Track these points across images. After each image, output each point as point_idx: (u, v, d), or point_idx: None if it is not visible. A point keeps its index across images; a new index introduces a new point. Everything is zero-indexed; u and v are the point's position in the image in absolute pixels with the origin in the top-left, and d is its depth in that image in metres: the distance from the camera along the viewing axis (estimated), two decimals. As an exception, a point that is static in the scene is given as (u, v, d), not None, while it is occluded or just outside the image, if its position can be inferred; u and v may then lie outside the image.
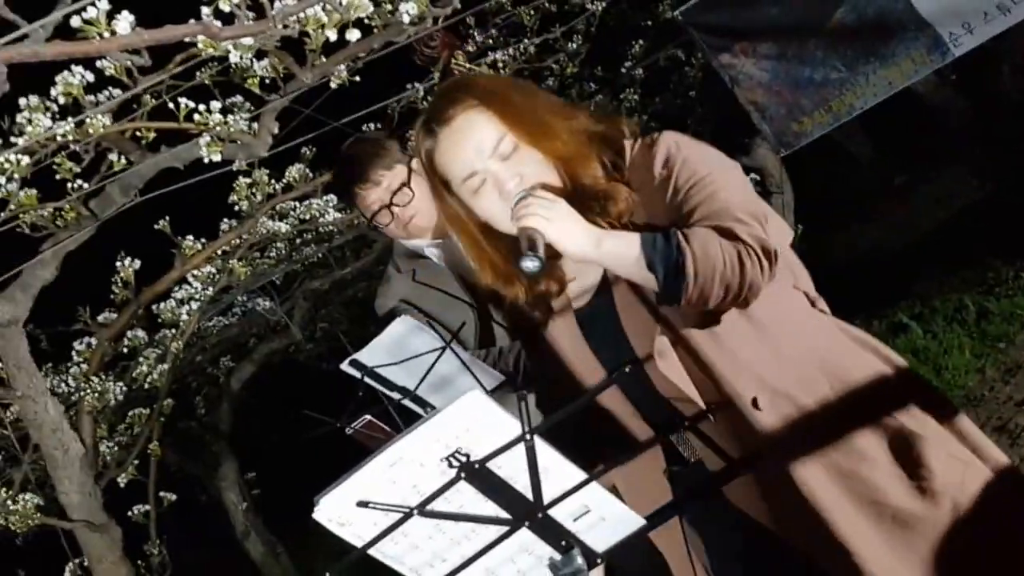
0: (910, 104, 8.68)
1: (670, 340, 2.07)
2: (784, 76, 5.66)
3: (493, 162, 2.08)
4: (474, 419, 1.73)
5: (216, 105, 3.62)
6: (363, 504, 1.75)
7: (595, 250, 1.98)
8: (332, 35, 3.05)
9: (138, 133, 3.70)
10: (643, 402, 2.17)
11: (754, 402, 2.03)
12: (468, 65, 3.36)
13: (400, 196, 3.37)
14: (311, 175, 5.07)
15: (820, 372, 2.08)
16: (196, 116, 3.60)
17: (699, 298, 1.93)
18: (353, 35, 3.05)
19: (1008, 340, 5.66)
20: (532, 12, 4.95)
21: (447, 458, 1.74)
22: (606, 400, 2.21)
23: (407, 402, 3.60)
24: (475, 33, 4.88)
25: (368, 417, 4.04)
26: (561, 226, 1.97)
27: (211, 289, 5.01)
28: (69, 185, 3.73)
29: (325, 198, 5.25)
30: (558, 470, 1.79)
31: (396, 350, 3.45)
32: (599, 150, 2.12)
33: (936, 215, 8.81)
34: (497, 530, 1.81)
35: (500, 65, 5.23)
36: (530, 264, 1.93)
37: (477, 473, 1.76)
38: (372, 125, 5.20)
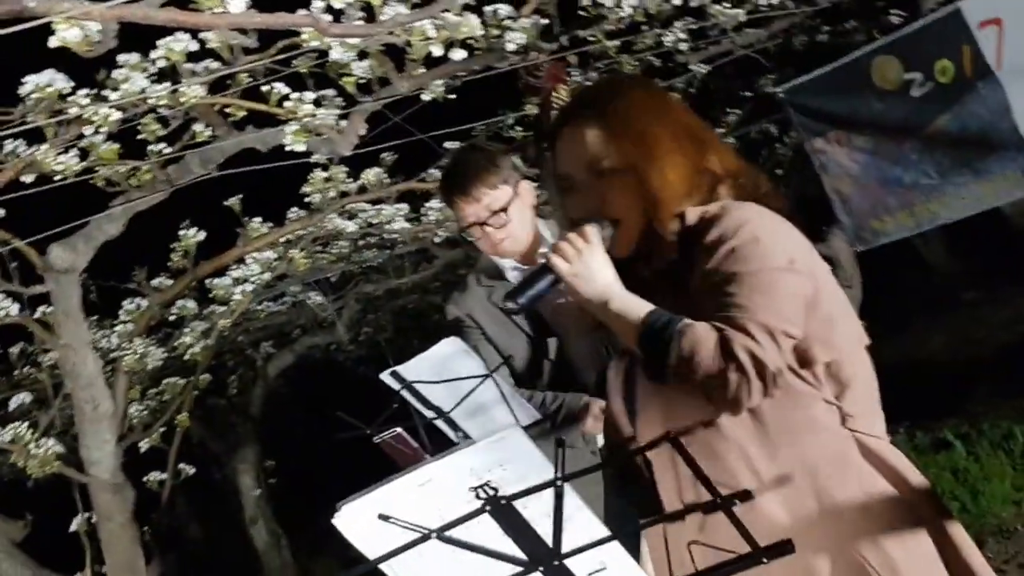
0: (995, 222, 8.57)
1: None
2: (874, 172, 5.60)
3: (586, 175, 2.12)
4: (510, 455, 1.71)
5: (309, 96, 3.64)
6: (384, 518, 1.73)
7: (600, 309, 2.03)
8: (437, 50, 3.06)
9: (228, 109, 3.73)
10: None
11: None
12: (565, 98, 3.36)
13: (496, 218, 3.37)
14: (387, 181, 5.08)
15: (810, 487, 2.01)
16: (287, 103, 3.63)
17: (682, 382, 1.93)
18: (457, 54, 3.06)
19: (1050, 480, 5.55)
20: (635, 63, 4.93)
21: (476, 488, 1.72)
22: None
23: (439, 422, 3.59)
24: (575, 73, 4.88)
25: (399, 430, 4.02)
26: (580, 274, 2.03)
27: (268, 274, 5.03)
28: (150, 147, 3.76)
29: (396, 206, 5.27)
30: (583, 522, 1.76)
31: (439, 369, 3.44)
32: (688, 201, 2.10)
33: (1000, 338, 8.67)
34: (510, 569, 1.78)
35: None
36: (511, 305, 2.09)
37: (502, 509, 1.73)
38: (456, 142, 5.22)
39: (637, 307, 2.00)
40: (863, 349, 2.13)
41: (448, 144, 5.28)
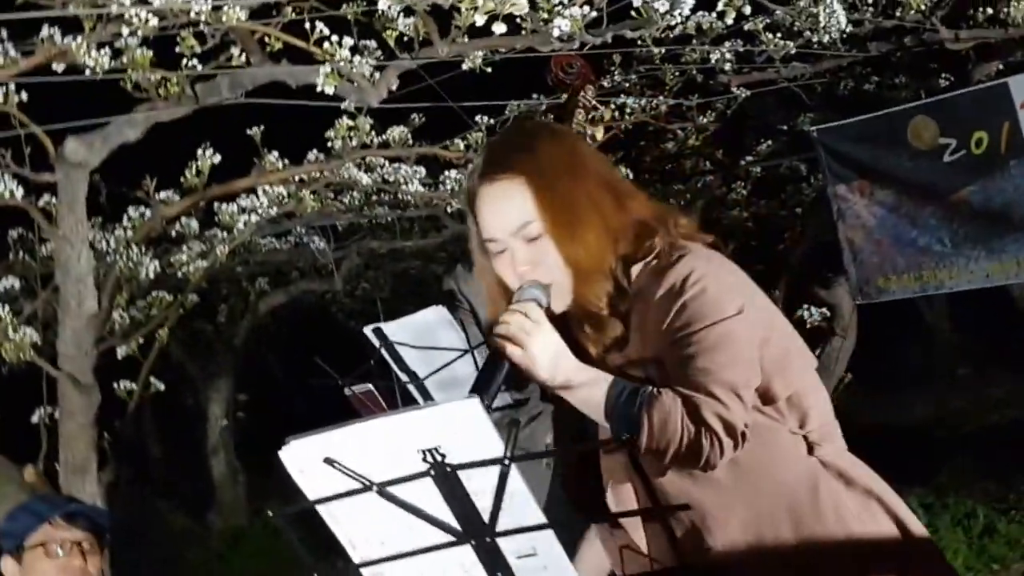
0: (1002, 302, 8.56)
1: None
2: (890, 228, 5.60)
3: (516, 240, 2.03)
4: (464, 425, 1.71)
5: (348, 42, 3.64)
6: (330, 462, 1.73)
7: (562, 386, 1.97)
8: (480, 20, 3.05)
9: (266, 39, 3.73)
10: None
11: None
12: (595, 102, 3.34)
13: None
14: (410, 142, 5.08)
15: (786, 514, 2.04)
16: (326, 44, 3.63)
17: (652, 457, 1.93)
18: (498, 27, 3.05)
19: (1003, 565, 5.55)
20: (676, 73, 4.92)
21: (425, 451, 1.72)
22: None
23: (411, 387, 3.60)
24: (615, 72, 4.88)
25: (371, 387, 4.04)
26: (534, 358, 1.94)
27: (275, 209, 5.02)
28: (184, 61, 3.76)
29: (415, 168, 5.26)
30: (522, 505, 1.76)
31: (421, 335, 3.46)
32: (618, 261, 2.05)
33: (985, 417, 8.67)
34: (443, 537, 1.78)
35: (628, 112, 5.21)
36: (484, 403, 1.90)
37: (446, 476, 1.73)
38: (485, 117, 5.22)
39: (596, 382, 1.96)
40: (814, 373, 2.15)
41: (478, 117, 5.28)
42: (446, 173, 5.59)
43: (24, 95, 3.81)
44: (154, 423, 12.06)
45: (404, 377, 3.60)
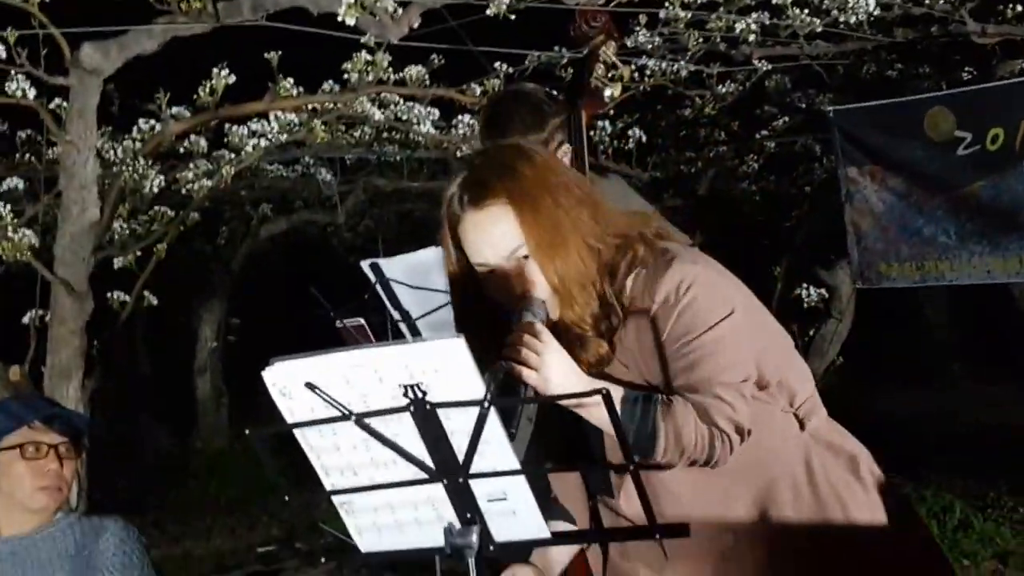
0: (1003, 303, 8.55)
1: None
2: (897, 216, 5.59)
3: (506, 262, 2.05)
4: (448, 364, 1.71)
5: (375, -26, 3.61)
6: (311, 386, 1.74)
7: (573, 405, 1.97)
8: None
9: (292, -38, 3.71)
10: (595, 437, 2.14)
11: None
12: (615, 59, 3.30)
13: None
14: (427, 82, 5.05)
15: (789, 492, 2.12)
16: (352, -26, 3.60)
17: (664, 464, 1.97)
18: (527, -27, 3.04)
19: (974, 561, 5.57)
20: (700, 40, 4.87)
21: (406, 386, 1.72)
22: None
23: (402, 326, 3.60)
24: (639, 32, 4.83)
25: (362, 321, 4.05)
26: (548, 375, 1.93)
27: (285, 136, 5.00)
28: (208, -23, 3.74)
29: (429, 109, 5.24)
30: (498, 449, 1.76)
31: (417, 275, 3.45)
32: (604, 276, 2.07)
33: (973, 415, 8.69)
34: (416, 473, 1.79)
35: (647, 74, 5.18)
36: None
37: (425, 414, 1.74)
38: (504, 64, 5.18)
39: (613, 389, 1.93)
40: (794, 349, 2.21)
41: (497, 64, 5.24)
42: (459, 117, 5.56)
43: (46, -4, 3.80)
44: (144, 338, 12.08)
45: (396, 315, 3.60)
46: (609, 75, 3.23)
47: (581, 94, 3.16)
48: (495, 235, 2.05)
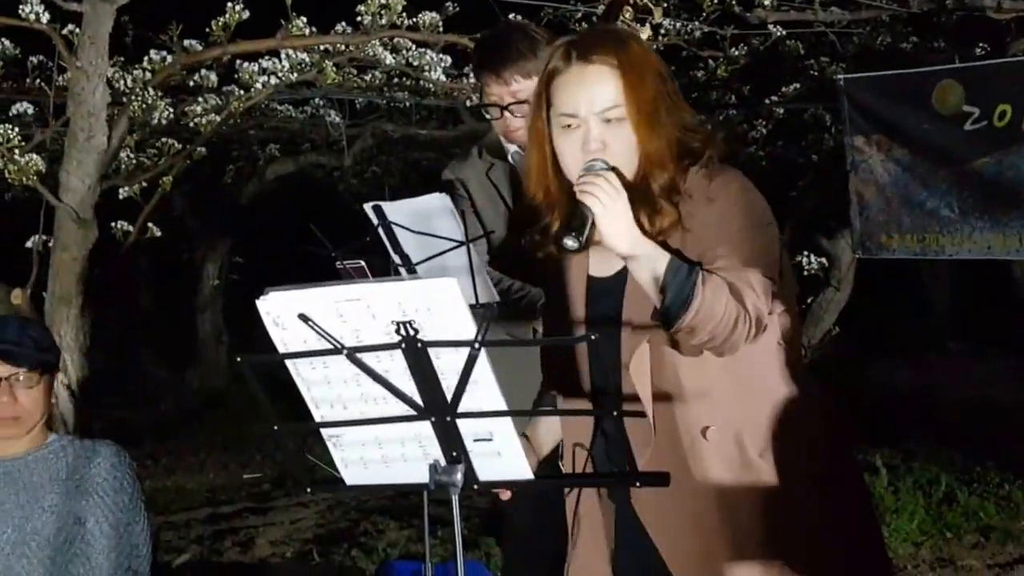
0: (1004, 282, 8.57)
1: (653, 351, 2.15)
2: (901, 188, 5.60)
3: (595, 119, 2.16)
4: (441, 304, 1.74)
5: (394, -83, 3.60)
6: (304, 318, 1.76)
7: (630, 251, 2.09)
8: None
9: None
10: (598, 375, 2.22)
11: (704, 431, 2.15)
12: (628, 19, 3.29)
13: (519, 107, 3.36)
14: (441, 29, 5.04)
15: (770, 420, 2.21)
16: (369, -86, 3.59)
17: (686, 334, 2.04)
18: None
19: (957, 534, 5.62)
20: (716, 1, 4.86)
21: (399, 323, 1.75)
22: (566, 361, 2.28)
23: (402, 270, 3.62)
24: (654, -10, 4.81)
25: (362, 262, 4.06)
26: (613, 218, 2.06)
27: (295, 75, 5.00)
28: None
29: (441, 56, 5.23)
30: (486, 390, 1.79)
31: (420, 221, 3.46)
32: (678, 161, 2.20)
33: (965, 393, 8.72)
34: (404, 409, 1.82)
35: (662, 33, 5.16)
36: (571, 243, 2.06)
37: (416, 352, 1.77)
38: (518, 16, 5.16)
39: (659, 254, 2.07)
40: (789, 288, 2.32)
41: (512, 15, 5.22)
42: (471, 65, 5.55)
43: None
44: (148, 271, 12.11)
45: (397, 259, 3.61)
46: (637, 19, 3.23)
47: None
48: (596, 89, 2.16)
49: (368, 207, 3.53)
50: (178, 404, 9.52)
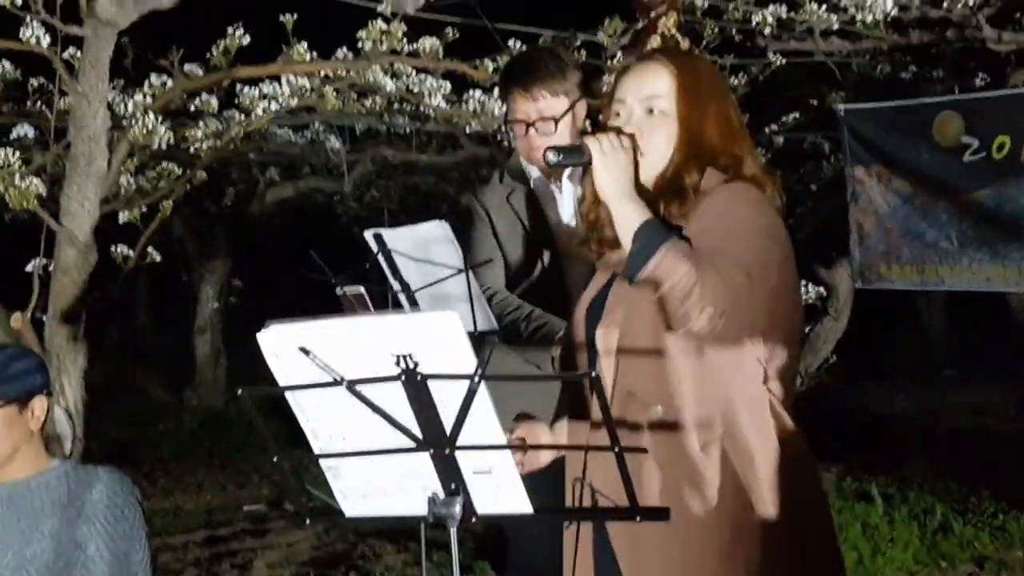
0: (1000, 312, 8.58)
1: (621, 340, 2.27)
2: (901, 219, 5.61)
3: (639, 106, 2.34)
4: (441, 337, 1.74)
5: (393, -56, 3.61)
6: (305, 351, 1.77)
7: (614, 199, 2.26)
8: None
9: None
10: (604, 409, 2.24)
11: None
12: (675, 31, 3.34)
13: (544, 125, 3.38)
14: (441, 55, 5.05)
15: (723, 423, 2.24)
16: (371, -57, 3.60)
17: (646, 286, 2.17)
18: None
19: (952, 564, 5.61)
20: (716, 29, 4.88)
21: (399, 356, 1.75)
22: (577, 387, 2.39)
23: (402, 297, 3.62)
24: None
25: (362, 289, 4.06)
26: (607, 166, 2.26)
27: (295, 101, 5.00)
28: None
29: (440, 82, 5.24)
30: (486, 423, 1.80)
31: (420, 248, 3.47)
32: (703, 167, 2.32)
33: (959, 420, 8.74)
34: (403, 441, 1.82)
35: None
36: (551, 156, 2.35)
37: (416, 384, 1.77)
38: (518, 43, 5.17)
39: (639, 212, 2.24)
40: (798, 338, 2.38)
41: (511, 41, 5.24)
42: (470, 92, 5.56)
43: (65, -55, 3.80)
44: (147, 293, 12.13)
45: (396, 286, 3.62)
46: (664, 46, 3.27)
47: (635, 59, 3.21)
48: (645, 78, 2.36)
49: (368, 235, 3.54)
50: (177, 425, 9.51)
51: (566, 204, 3.56)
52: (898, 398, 9.53)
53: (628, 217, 2.24)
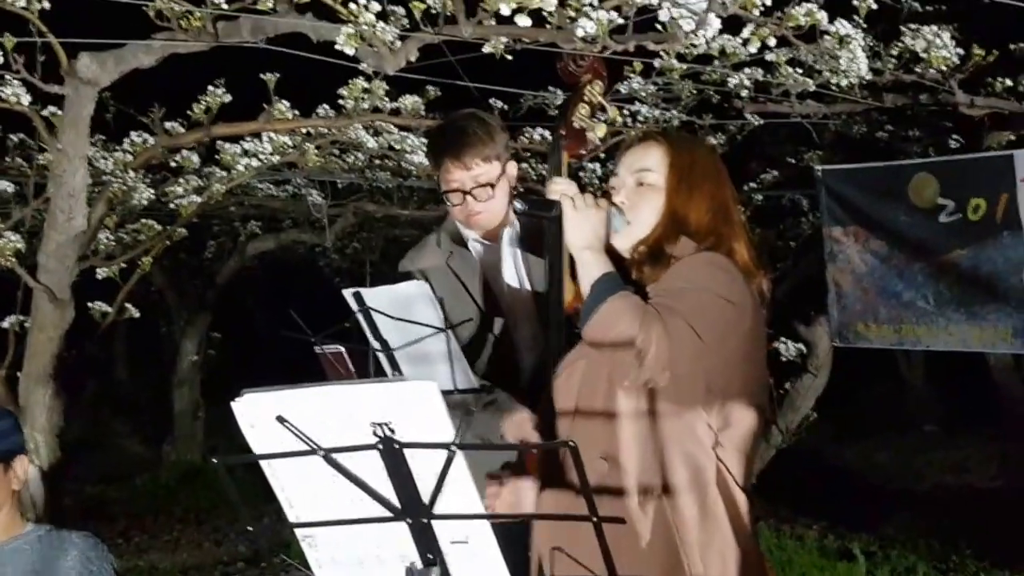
0: (979, 369, 8.62)
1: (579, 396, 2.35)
2: (877, 278, 5.65)
3: (629, 177, 2.49)
4: (419, 406, 1.74)
5: (375, 7, 3.63)
6: (281, 420, 1.76)
7: (579, 251, 2.40)
8: (505, 10, 3.08)
9: (295, -12, 3.72)
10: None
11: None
12: (602, 100, 3.33)
13: (482, 191, 3.39)
14: (422, 113, 5.08)
15: (662, 478, 2.28)
16: (352, 5, 3.62)
17: (602, 332, 2.27)
18: (523, 20, 3.08)
19: (933, 623, 5.62)
20: (694, 91, 4.93)
21: (376, 424, 1.75)
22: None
23: (382, 356, 3.61)
24: (633, 79, 4.86)
25: (342, 348, 4.05)
26: (576, 221, 2.40)
27: (277, 157, 5.02)
28: (209, -3, 3.75)
29: (422, 140, 5.27)
30: (463, 492, 1.79)
31: (399, 307, 3.46)
32: (689, 242, 2.40)
33: (944, 477, 8.75)
34: (380, 510, 1.82)
35: (641, 120, 5.21)
36: (518, 205, 2.51)
37: (393, 453, 1.77)
38: (499, 102, 5.21)
39: (601, 265, 2.36)
40: (756, 408, 2.38)
41: (492, 100, 5.28)
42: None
43: (47, 3, 3.80)
44: (126, 346, 12.06)
45: (376, 345, 3.61)
46: (594, 115, 3.26)
47: (563, 133, 3.20)
48: (638, 154, 2.50)
49: (348, 293, 3.53)
50: (154, 479, 9.43)
51: (507, 271, 3.55)
52: (879, 455, 9.54)
53: (590, 269, 2.35)
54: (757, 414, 2.37)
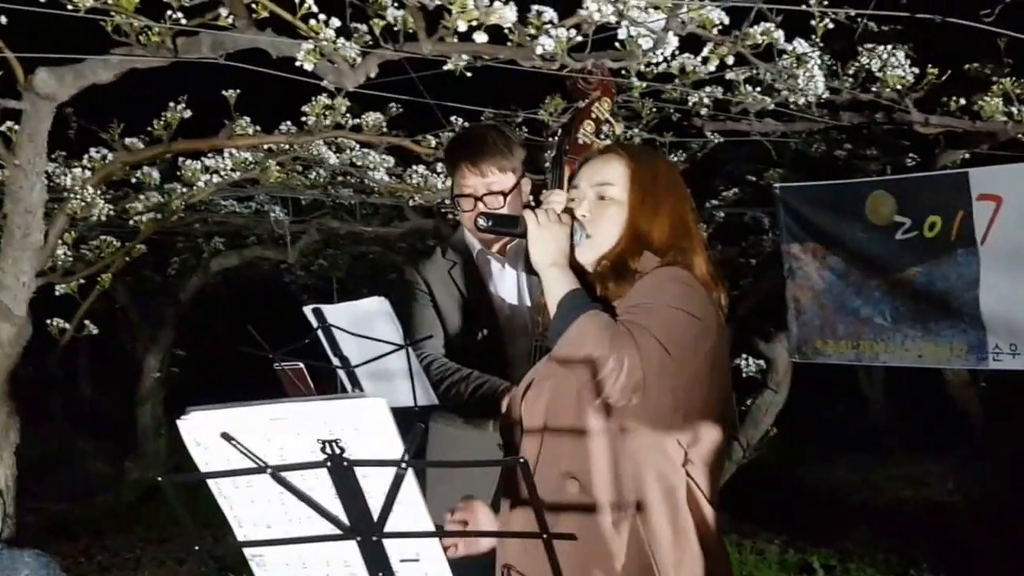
0: (936, 386, 8.69)
1: (547, 415, 2.33)
2: (835, 295, 5.69)
3: (590, 191, 2.47)
4: (368, 423, 1.74)
5: (335, 23, 3.64)
6: (227, 438, 1.76)
7: (544, 268, 2.40)
8: (462, 26, 3.09)
9: (254, 4, 3.72)
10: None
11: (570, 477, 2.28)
12: (608, 116, 3.40)
13: (493, 199, 3.43)
14: (384, 130, 5.09)
15: (634, 503, 2.26)
16: (312, 22, 3.63)
17: (570, 350, 2.26)
18: (480, 37, 3.10)
19: (891, 638, 5.65)
20: (654, 109, 4.97)
21: (324, 442, 1.75)
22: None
23: (341, 373, 3.61)
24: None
25: (302, 365, 4.05)
26: (542, 235, 2.40)
27: (239, 174, 5.02)
28: (169, 12, 3.75)
29: (383, 156, 5.28)
30: (413, 510, 1.79)
31: (360, 323, 3.47)
32: (646, 255, 2.39)
33: (899, 492, 8.80)
34: (330, 529, 1.81)
35: (602, 136, 5.23)
36: (481, 222, 2.53)
37: (342, 470, 1.77)
38: (460, 119, 5.23)
39: (568, 283, 2.35)
40: (721, 422, 2.38)
41: (453, 118, 5.29)
42: (413, 167, 5.60)
43: (3, 18, 3.78)
44: (88, 362, 11.95)
45: (336, 361, 3.62)
46: (600, 132, 3.32)
47: (567, 148, 3.25)
48: (599, 167, 2.48)
49: (308, 310, 3.54)
50: (116, 497, 9.34)
51: (508, 285, 3.59)
52: (839, 470, 9.58)
53: (555, 286, 2.35)
54: (723, 428, 2.38)
